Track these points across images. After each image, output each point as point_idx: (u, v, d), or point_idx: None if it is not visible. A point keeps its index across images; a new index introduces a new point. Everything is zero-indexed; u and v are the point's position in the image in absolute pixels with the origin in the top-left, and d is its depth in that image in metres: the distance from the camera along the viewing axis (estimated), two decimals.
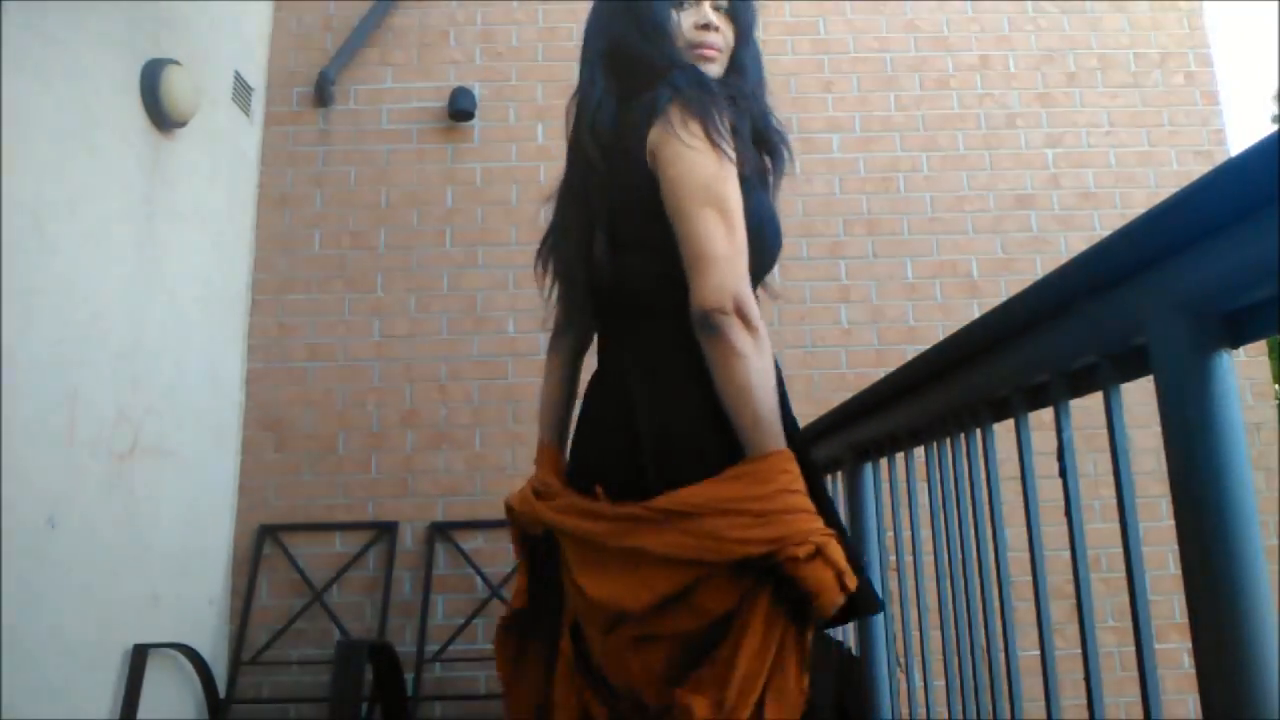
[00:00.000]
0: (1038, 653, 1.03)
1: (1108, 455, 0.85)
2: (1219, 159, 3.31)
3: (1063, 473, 0.94)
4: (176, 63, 2.60)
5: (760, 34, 1.54)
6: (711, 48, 1.34)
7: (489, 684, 2.89)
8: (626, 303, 1.23)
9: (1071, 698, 1.26)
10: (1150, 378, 0.72)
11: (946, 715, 1.34)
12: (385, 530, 2.99)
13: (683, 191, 1.11)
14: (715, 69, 1.33)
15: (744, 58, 1.41)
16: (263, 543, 2.97)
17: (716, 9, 1.37)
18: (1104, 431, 0.86)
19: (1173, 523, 0.68)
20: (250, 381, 3.10)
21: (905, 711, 1.60)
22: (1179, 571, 0.66)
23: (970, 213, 3.28)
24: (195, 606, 2.76)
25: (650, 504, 1.06)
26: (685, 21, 1.33)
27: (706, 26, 1.33)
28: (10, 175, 2.01)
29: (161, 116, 2.56)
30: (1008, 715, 1.11)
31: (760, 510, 1.02)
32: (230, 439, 3.00)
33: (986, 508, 1.17)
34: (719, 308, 1.05)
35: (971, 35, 3.45)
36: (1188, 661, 2.83)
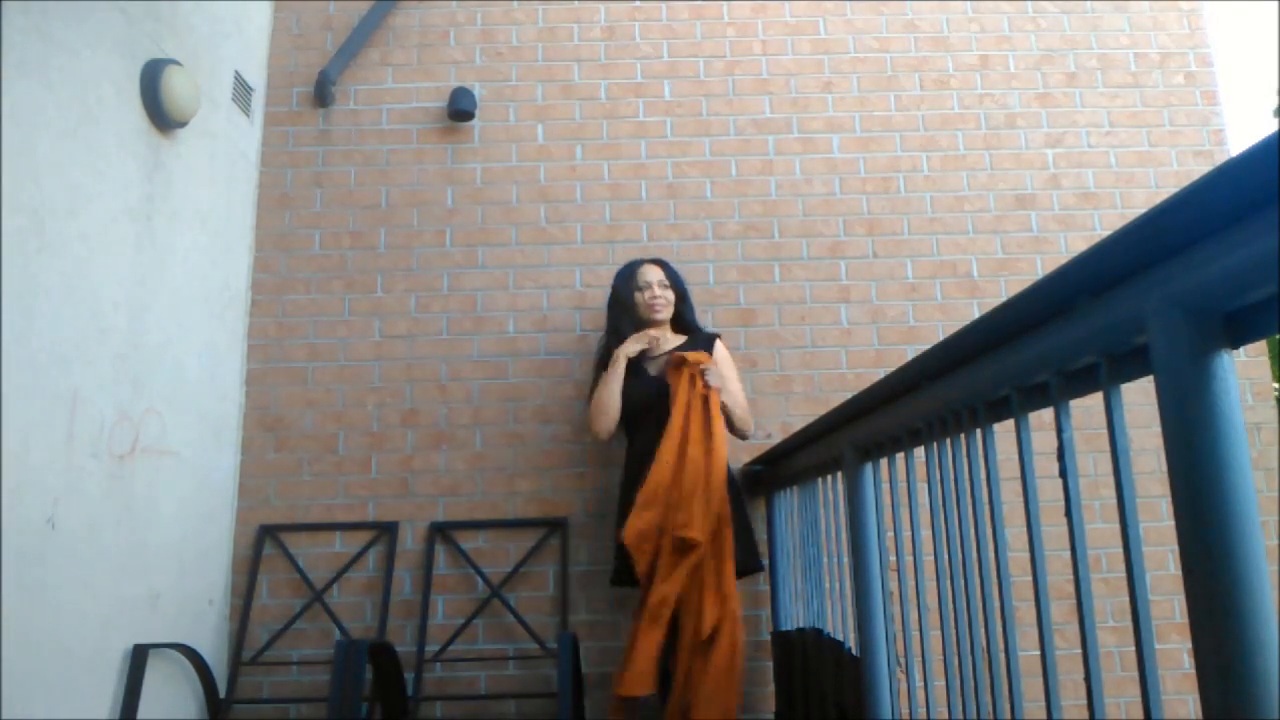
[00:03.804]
0: (1038, 653, 1.03)
1: (1108, 455, 0.85)
2: (1219, 159, 3.32)
3: (1063, 473, 0.94)
4: (176, 63, 2.61)
5: (760, 35, 1.66)
6: (658, 304, 2.76)
7: (489, 684, 2.89)
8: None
9: (1071, 698, 1.26)
10: (1150, 378, 0.72)
11: (946, 715, 1.34)
12: (385, 530, 2.99)
13: None
14: (663, 314, 2.78)
15: (679, 305, 2.84)
16: (263, 543, 2.97)
17: (661, 285, 2.78)
18: (1104, 431, 0.86)
19: (1173, 523, 0.68)
20: (250, 381, 3.10)
21: (905, 711, 1.60)
22: (1179, 571, 0.66)
23: (970, 213, 3.28)
24: (195, 606, 2.76)
25: None
26: (644, 296, 2.78)
27: (654, 295, 2.77)
28: (10, 175, 2.01)
29: (161, 116, 2.56)
30: (1008, 715, 1.11)
31: None
32: (230, 439, 3.00)
33: (986, 508, 1.18)
34: None
35: (971, 35, 3.45)
36: (1188, 661, 2.83)
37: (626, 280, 2.80)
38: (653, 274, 2.79)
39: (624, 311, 2.77)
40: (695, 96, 3.37)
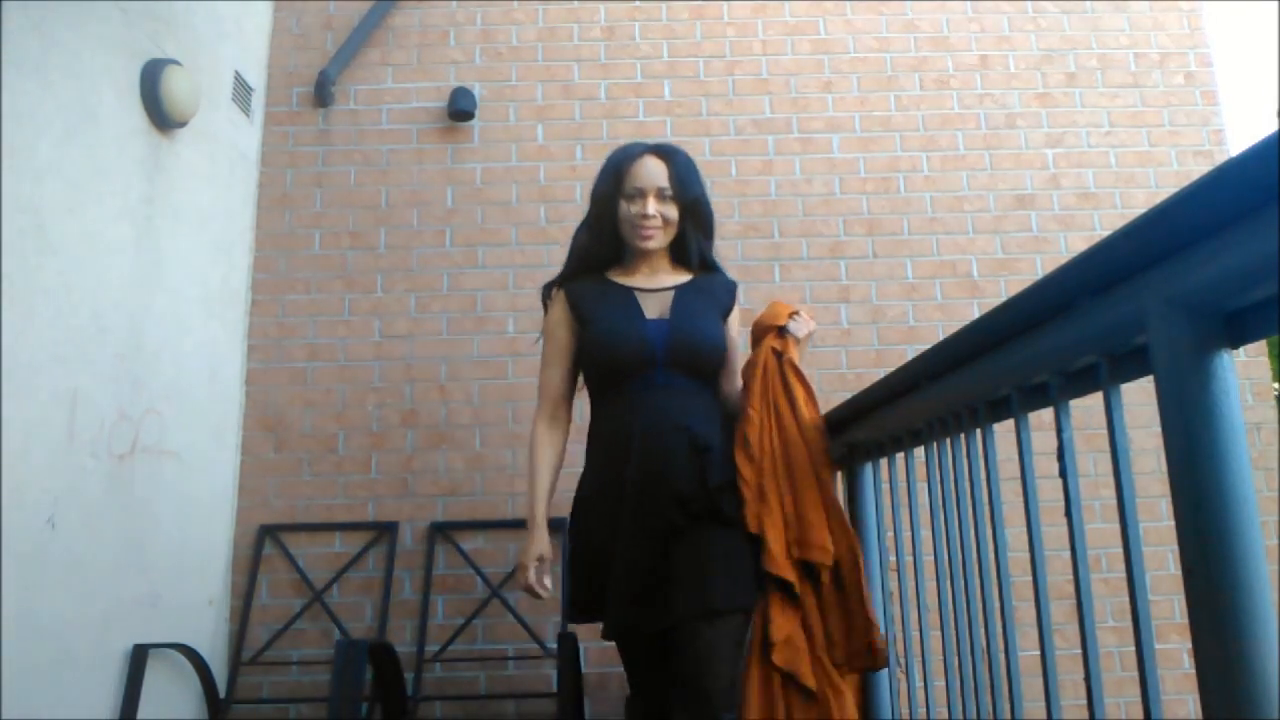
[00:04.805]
0: (1038, 653, 1.03)
1: (1108, 455, 0.85)
2: (1219, 159, 3.31)
3: (1063, 473, 0.94)
4: (176, 63, 2.60)
5: (760, 35, 1.70)
6: (648, 229, 1.80)
7: (489, 684, 2.89)
8: None
9: (1071, 698, 1.26)
10: (1150, 378, 0.72)
11: (946, 715, 1.33)
12: (385, 530, 2.99)
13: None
14: (654, 243, 1.82)
15: (687, 228, 1.85)
16: (263, 543, 2.97)
17: (661, 198, 1.79)
18: (1104, 431, 0.86)
19: (1173, 523, 0.67)
20: (250, 381, 3.10)
21: (905, 712, 1.59)
22: (1179, 571, 0.66)
23: (970, 213, 3.28)
24: (195, 606, 2.76)
25: None
26: (631, 210, 1.80)
27: (644, 215, 1.79)
28: (10, 175, 2.01)
29: (161, 116, 2.56)
30: (1008, 715, 1.11)
31: None
32: (230, 439, 3.00)
33: (986, 508, 1.17)
34: None
35: (971, 35, 3.45)
36: (1188, 661, 2.83)
37: (614, 176, 1.82)
38: (653, 174, 1.78)
39: (603, 221, 1.85)
40: (695, 96, 3.37)
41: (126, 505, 2.40)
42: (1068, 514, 0.94)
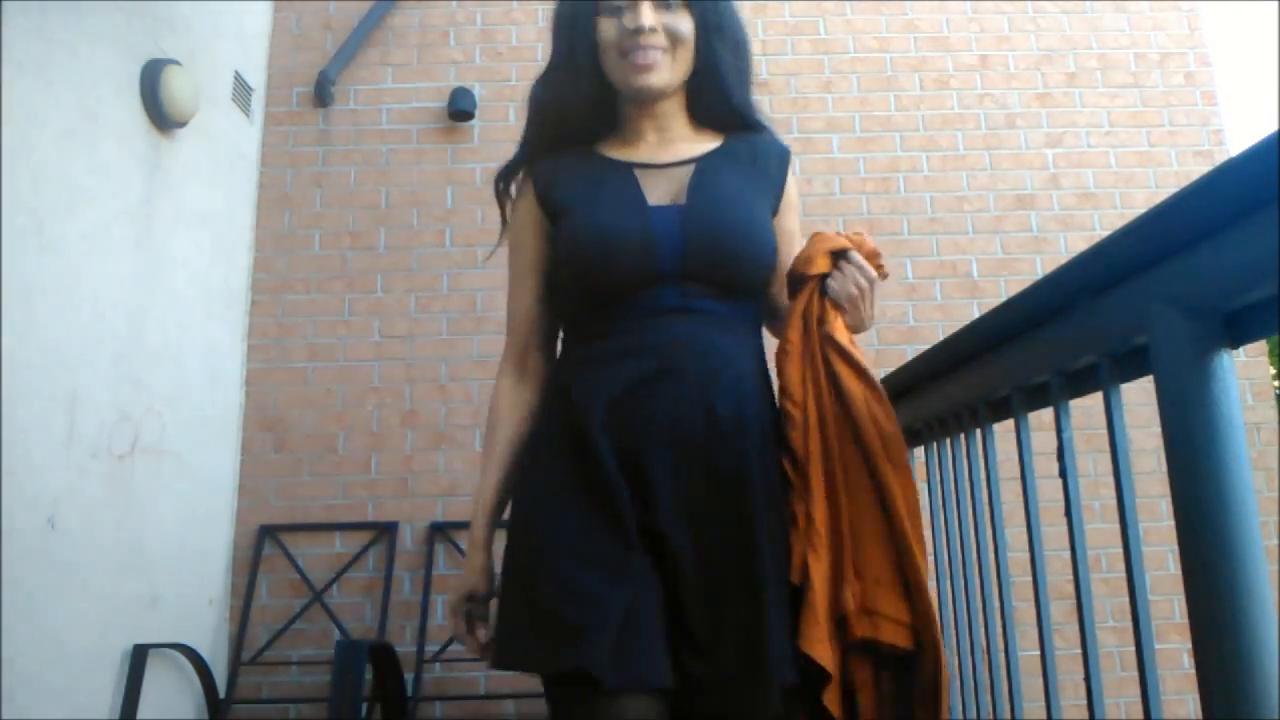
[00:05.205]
0: (1038, 653, 1.03)
1: (1108, 455, 0.85)
2: (1219, 159, 3.31)
3: (1063, 473, 0.94)
4: (176, 63, 2.60)
5: (760, 35, 1.65)
6: (647, 51, 1.12)
7: (489, 684, 2.89)
8: None
9: (1071, 698, 1.26)
10: (1150, 378, 0.72)
11: (946, 716, 1.33)
12: (385, 530, 2.99)
13: None
14: (658, 77, 1.13)
15: (714, 49, 1.16)
16: (263, 543, 2.97)
17: (661, 6, 1.13)
18: (1104, 431, 0.86)
19: (1173, 523, 0.67)
20: (250, 381, 3.10)
21: None
22: (1179, 571, 0.66)
23: (970, 213, 3.28)
24: (195, 607, 2.76)
25: None
26: (625, 24, 1.13)
27: (637, 30, 1.11)
28: (10, 175, 2.01)
29: (161, 116, 2.56)
30: (1008, 715, 1.11)
31: None
32: (230, 439, 3.00)
33: (986, 508, 1.17)
34: None
35: (971, 35, 3.45)
36: (1188, 661, 2.83)
37: None
38: None
39: (577, 59, 1.17)
40: None
41: (126, 505, 2.40)
42: (1068, 514, 0.94)
